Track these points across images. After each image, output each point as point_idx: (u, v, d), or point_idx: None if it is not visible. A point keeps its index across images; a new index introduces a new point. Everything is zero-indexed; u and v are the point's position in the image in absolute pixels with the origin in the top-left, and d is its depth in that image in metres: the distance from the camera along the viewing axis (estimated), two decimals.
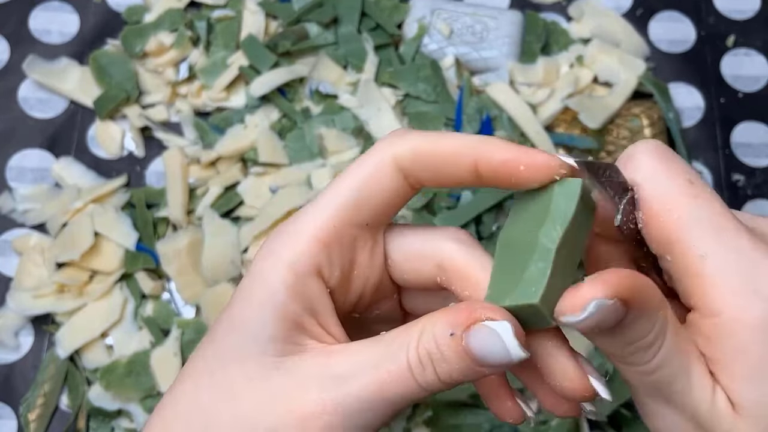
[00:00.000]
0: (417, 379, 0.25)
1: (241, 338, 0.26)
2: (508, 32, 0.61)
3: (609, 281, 0.23)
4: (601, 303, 0.23)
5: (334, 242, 0.27)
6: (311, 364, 0.26)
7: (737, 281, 0.24)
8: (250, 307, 0.26)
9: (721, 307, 0.24)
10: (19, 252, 0.56)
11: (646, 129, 0.59)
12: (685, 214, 0.24)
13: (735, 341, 0.24)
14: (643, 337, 0.24)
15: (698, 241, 0.24)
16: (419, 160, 0.27)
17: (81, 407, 0.53)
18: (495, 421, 0.52)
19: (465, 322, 0.24)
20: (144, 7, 0.63)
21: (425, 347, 0.24)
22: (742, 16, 0.65)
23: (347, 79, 0.60)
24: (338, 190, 0.27)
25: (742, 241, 0.24)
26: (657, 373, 0.24)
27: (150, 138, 0.60)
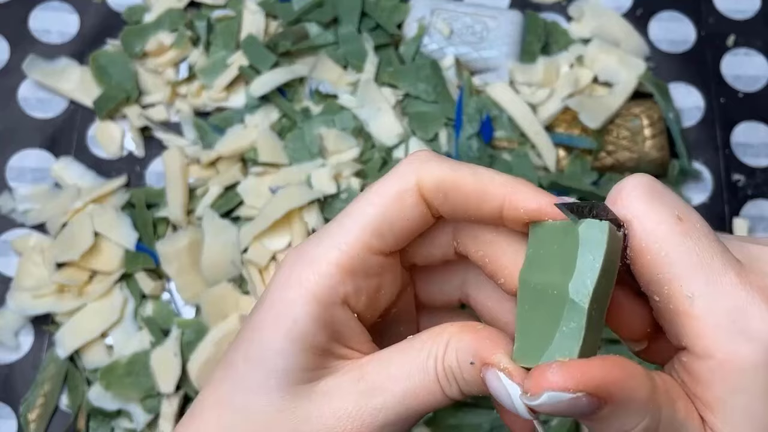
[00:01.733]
0: (444, 391, 0.25)
1: (267, 370, 0.26)
2: (508, 32, 0.61)
3: (578, 370, 0.22)
4: (554, 396, 0.22)
5: (359, 271, 0.26)
6: (344, 381, 0.26)
7: (727, 322, 0.23)
8: (276, 337, 0.26)
9: (712, 349, 0.23)
10: (19, 252, 0.56)
11: (646, 129, 0.59)
12: (673, 253, 0.24)
13: (727, 385, 0.23)
14: (628, 429, 0.23)
15: (686, 281, 0.24)
16: (443, 194, 0.26)
17: (81, 407, 0.53)
18: (495, 422, 0.52)
19: (484, 359, 0.25)
20: (144, 7, 0.63)
21: (449, 365, 0.25)
22: (742, 16, 0.65)
23: (347, 79, 0.60)
24: (362, 216, 0.26)
25: (730, 278, 0.24)
26: None
27: (150, 138, 0.60)
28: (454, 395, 0.25)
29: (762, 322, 0.23)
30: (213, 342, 0.52)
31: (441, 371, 0.25)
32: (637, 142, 0.59)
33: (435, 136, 0.58)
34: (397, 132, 0.58)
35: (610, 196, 0.26)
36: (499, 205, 0.25)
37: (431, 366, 0.25)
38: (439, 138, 0.58)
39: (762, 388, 0.23)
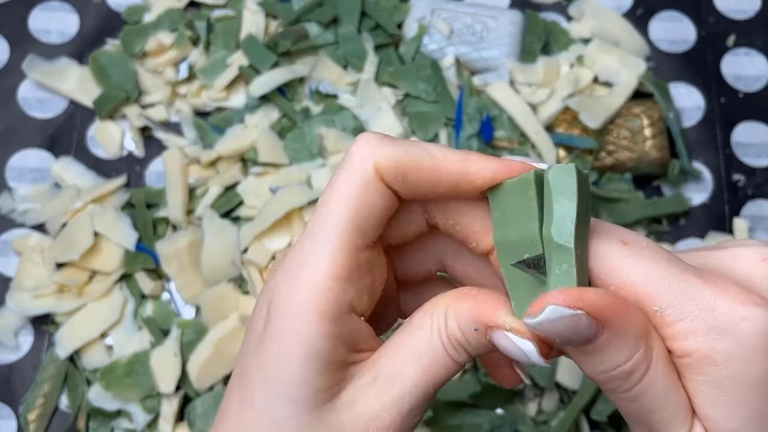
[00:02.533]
0: (454, 359, 0.26)
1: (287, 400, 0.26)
2: (508, 32, 0.61)
3: (579, 293, 0.23)
4: (557, 310, 0.23)
5: (354, 274, 0.26)
6: (363, 385, 0.26)
7: (697, 322, 0.24)
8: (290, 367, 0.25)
9: (689, 349, 0.24)
10: (19, 252, 0.56)
11: (647, 129, 0.59)
12: (631, 276, 0.24)
13: (707, 378, 0.24)
14: (620, 363, 0.24)
15: (650, 298, 0.24)
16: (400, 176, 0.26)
17: (81, 407, 0.53)
18: (495, 422, 0.52)
19: (487, 322, 0.25)
20: (144, 7, 0.63)
21: (453, 335, 0.26)
22: (743, 16, 0.65)
23: (347, 79, 0.60)
24: (338, 220, 0.26)
25: (692, 282, 0.24)
26: (637, 402, 0.25)
27: (150, 138, 0.60)
28: (464, 360, 0.26)
29: (731, 316, 0.24)
30: (213, 342, 0.52)
31: (447, 342, 0.26)
32: (638, 142, 0.59)
33: (435, 136, 0.58)
34: (397, 132, 0.58)
35: None
36: (455, 180, 0.26)
37: (437, 341, 0.26)
38: (439, 138, 0.58)
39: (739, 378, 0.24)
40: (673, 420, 0.25)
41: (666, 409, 0.25)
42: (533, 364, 0.25)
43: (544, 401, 0.53)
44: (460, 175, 0.26)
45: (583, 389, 0.52)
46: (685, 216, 0.59)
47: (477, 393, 0.52)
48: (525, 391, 0.54)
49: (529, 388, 0.53)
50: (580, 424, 0.52)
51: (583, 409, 0.52)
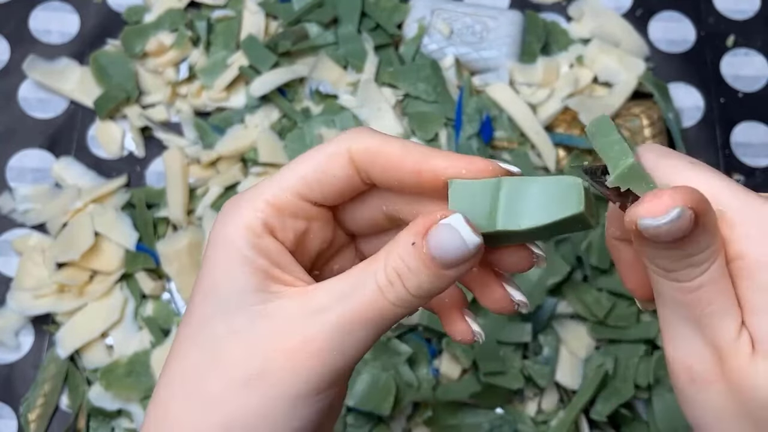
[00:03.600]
0: (388, 297, 0.27)
1: (217, 298, 0.28)
2: (508, 32, 0.61)
3: (688, 192, 0.24)
4: (682, 211, 0.24)
5: (286, 211, 0.29)
6: (292, 304, 0.27)
7: (755, 228, 0.25)
8: (220, 268, 0.28)
9: (744, 251, 0.25)
10: (20, 252, 0.56)
11: (646, 129, 0.59)
12: (695, 179, 0.26)
13: (756, 281, 0.25)
14: (699, 252, 0.25)
15: (713, 198, 0.25)
16: (369, 158, 0.28)
17: (81, 407, 0.53)
18: (495, 421, 0.52)
19: (424, 228, 0.26)
20: (144, 7, 0.63)
21: (392, 265, 0.26)
22: (742, 16, 0.65)
23: (347, 79, 0.60)
24: (294, 169, 0.29)
25: (753, 197, 0.26)
26: (697, 291, 0.26)
27: (150, 138, 0.60)
28: (400, 299, 0.27)
29: None
30: None
31: (382, 278, 0.27)
32: (637, 142, 0.59)
33: (435, 136, 0.59)
34: (397, 132, 0.58)
35: None
36: (417, 165, 0.28)
37: (371, 277, 0.27)
38: (439, 138, 0.58)
39: None
40: (723, 315, 0.25)
41: (719, 302, 0.25)
42: (469, 252, 0.26)
43: (544, 401, 0.53)
44: (422, 163, 0.28)
45: (583, 389, 0.52)
46: None
47: (477, 393, 0.52)
48: (525, 391, 0.54)
49: (529, 388, 0.53)
50: (579, 424, 0.52)
51: (583, 409, 0.52)
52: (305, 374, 0.27)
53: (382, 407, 0.50)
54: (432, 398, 0.52)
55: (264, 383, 0.27)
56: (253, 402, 0.27)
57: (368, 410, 0.50)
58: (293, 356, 0.27)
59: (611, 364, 0.53)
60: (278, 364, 0.27)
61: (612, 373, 0.52)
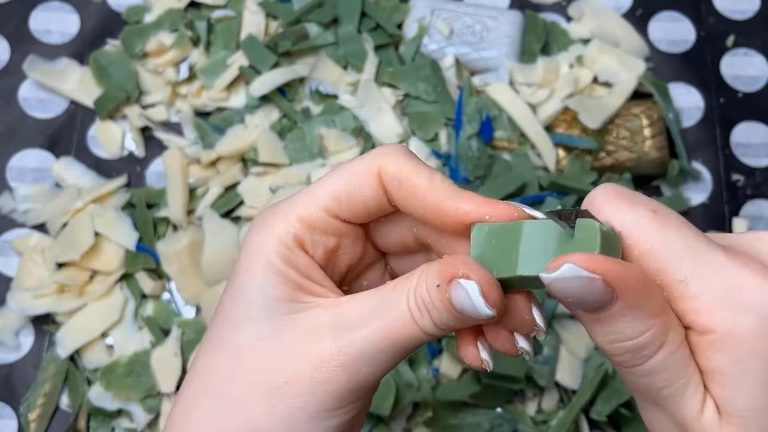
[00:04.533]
0: (417, 323, 0.27)
1: (248, 304, 0.28)
2: (508, 32, 0.61)
3: (598, 259, 0.23)
4: (574, 269, 0.23)
5: (317, 227, 0.29)
6: (323, 315, 0.28)
7: (722, 298, 0.24)
8: (251, 276, 0.28)
9: (712, 324, 0.24)
10: (20, 252, 0.56)
11: (646, 129, 0.59)
12: (657, 243, 0.25)
13: (729, 355, 0.24)
14: (633, 336, 0.24)
15: (675, 267, 0.25)
16: (397, 183, 0.28)
17: (81, 407, 0.53)
18: (495, 421, 0.52)
19: (448, 275, 0.26)
20: (144, 7, 0.63)
21: (420, 295, 0.26)
22: (742, 16, 0.65)
23: (347, 79, 0.60)
24: (325, 185, 0.29)
25: (718, 256, 0.25)
26: (647, 377, 0.25)
27: (150, 138, 0.60)
28: (427, 328, 0.27)
29: (757, 295, 0.24)
30: None
31: (413, 303, 0.27)
32: (637, 142, 0.59)
33: (435, 136, 0.59)
34: (397, 132, 0.58)
35: (583, 205, 0.27)
36: (440, 202, 0.28)
37: (403, 299, 0.27)
38: (439, 138, 0.58)
39: (760, 355, 0.24)
40: (683, 396, 0.25)
41: (675, 385, 0.25)
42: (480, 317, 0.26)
43: (544, 401, 0.53)
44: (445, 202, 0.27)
45: (583, 389, 0.52)
46: (685, 216, 0.59)
47: (477, 393, 0.52)
48: (525, 391, 0.54)
49: (529, 388, 0.53)
50: (579, 424, 0.52)
51: (583, 409, 0.52)
52: (332, 386, 0.27)
53: (381, 407, 0.50)
54: (432, 398, 0.52)
55: (289, 392, 0.27)
56: (277, 411, 0.27)
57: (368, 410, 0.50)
58: (321, 367, 0.27)
59: (611, 364, 0.53)
60: (306, 374, 0.27)
61: (612, 373, 0.52)
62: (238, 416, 0.27)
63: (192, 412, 0.28)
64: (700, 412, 0.25)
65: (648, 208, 0.25)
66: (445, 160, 0.57)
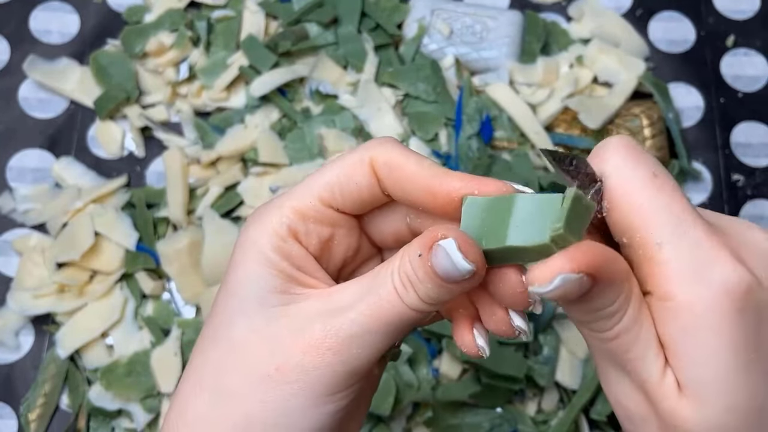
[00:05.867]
0: (404, 300, 0.27)
1: (240, 297, 0.29)
2: (508, 32, 0.61)
3: (576, 257, 0.24)
4: (566, 277, 0.24)
5: (311, 216, 0.29)
6: (313, 304, 0.28)
7: (689, 269, 0.25)
8: (244, 269, 0.29)
9: (672, 292, 0.25)
10: (20, 252, 0.56)
11: (646, 129, 0.59)
12: (646, 203, 0.26)
13: (683, 325, 0.25)
14: (607, 306, 0.25)
15: (657, 229, 0.25)
16: (387, 169, 0.29)
17: (81, 407, 0.53)
18: (495, 421, 0.52)
19: (429, 242, 0.26)
20: (144, 7, 0.63)
21: (404, 270, 0.27)
22: (742, 16, 0.65)
23: (347, 79, 0.60)
24: (319, 177, 0.30)
25: (698, 231, 0.25)
26: (615, 340, 0.26)
27: (150, 138, 0.60)
28: (413, 303, 0.27)
29: (723, 274, 0.24)
30: None
31: (397, 280, 0.27)
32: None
33: (435, 136, 0.59)
34: (397, 132, 0.58)
35: (593, 152, 0.28)
36: (429, 183, 0.28)
37: (388, 278, 0.27)
38: (439, 138, 0.58)
39: (715, 330, 0.24)
40: (645, 359, 0.26)
41: (638, 347, 0.26)
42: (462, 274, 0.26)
43: (544, 401, 0.53)
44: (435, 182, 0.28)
45: (583, 389, 0.52)
46: None
47: (477, 393, 0.52)
48: (525, 391, 0.54)
49: (529, 388, 0.53)
50: (579, 424, 0.52)
51: (583, 409, 0.52)
52: (323, 371, 0.27)
53: (381, 407, 0.50)
54: (432, 398, 0.52)
55: (282, 380, 0.27)
56: (271, 398, 0.27)
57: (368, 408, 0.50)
58: (312, 352, 0.27)
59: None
60: (296, 360, 0.27)
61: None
62: (234, 408, 0.27)
63: (189, 406, 0.28)
64: (661, 379, 0.26)
65: (650, 170, 0.26)
66: (445, 160, 0.57)
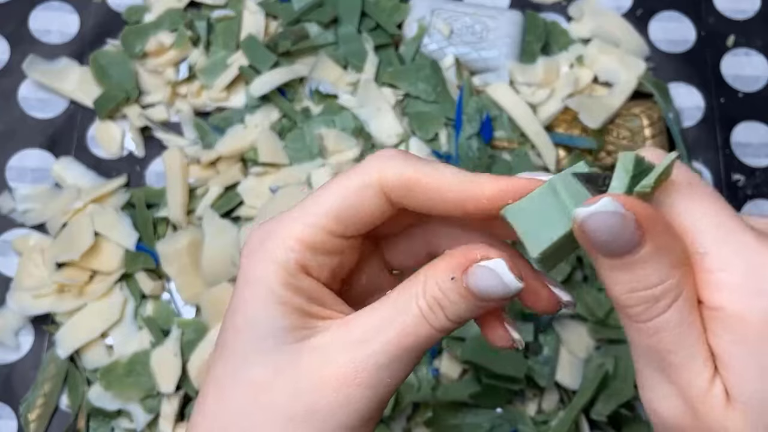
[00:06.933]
0: (431, 323, 0.26)
1: (255, 338, 0.27)
2: (508, 32, 0.61)
3: (631, 201, 0.23)
4: (614, 205, 0.23)
5: (320, 249, 0.28)
6: (333, 337, 0.27)
7: (739, 278, 0.24)
8: (254, 307, 0.27)
9: (722, 302, 0.24)
10: (19, 252, 0.56)
11: (646, 129, 0.59)
12: (686, 212, 0.25)
13: (736, 336, 0.24)
14: (651, 285, 0.24)
15: (699, 237, 0.24)
16: (404, 190, 0.27)
17: (81, 407, 0.53)
18: (495, 421, 0.52)
19: (463, 265, 0.26)
20: (144, 7, 0.63)
21: (431, 294, 0.26)
22: (742, 16, 0.65)
23: (347, 79, 0.60)
24: (323, 202, 0.28)
25: (748, 239, 0.24)
26: (657, 336, 0.24)
27: (150, 138, 0.60)
28: (442, 324, 0.26)
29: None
30: (213, 342, 0.52)
31: (424, 305, 0.26)
32: (637, 142, 0.59)
33: (435, 136, 0.58)
34: (397, 132, 0.58)
35: None
36: (462, 197, 0.27)
37: (412, 303, 0.26)
38: (439, 138, 0.58)
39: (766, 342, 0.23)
40: (691, 365, 0.24)
41: (685, 350, 0.24)
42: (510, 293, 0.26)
43: (544, 401, 0.53)
44: (465, 194, 0.27)
45: (583, 389, 0.52)
46: None
47: (477, 393, 0.52)
48: (525, 391, 0.54)
49: (529, 388, 0.53)
50: (579, 424, 0.52)
51: (583, 409, 0.52)
52: (357, 405, 0.26)
53: None
54: (432, 398, 0.52)
55: (310, 419, 0.26)
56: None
57: None
58: (341, 389, 0.26)
59: (611, 364, 0.52)
60: (327, 399, 0.26)
61: (612, 373, 0.52)
62: None
63: None
64: (708, 389, 0.24)
65: (686, 178, 0.25)
66: (445, 160, 0.57)
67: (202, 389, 0.29)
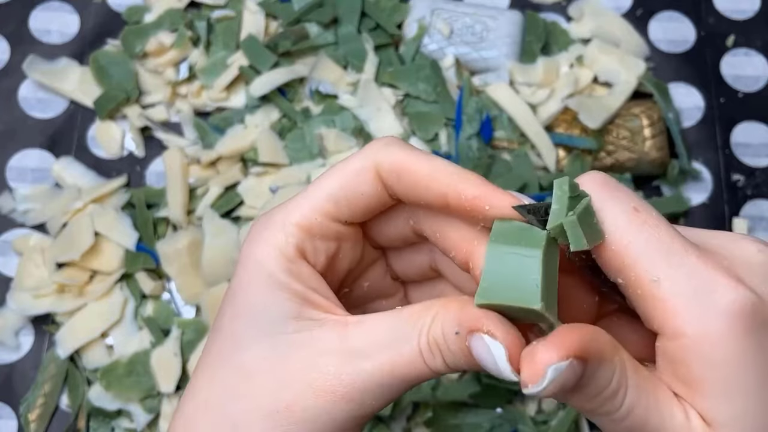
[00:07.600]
0: (427, 363, 0.26)
1: (251, 322, 0.27)
2: (508, 32, 0.61)
3: (560, 343, 0.23)
4: (558, 367, 0.23)
5: (317, 233, 0.28)
6: (329, 337, 0.27)
7: (693, 300, 0.24)
8: (254, 291, 0.27)
9: (683, 328, 0.24)
10: (19, 252, 0.56)
11: (646, 129, 0.59)
12: (634, 241, 0.25)
13: (703, 360, 0.24)
14: (606, 386, 0.24)
15: (649, 265, 0.24)
16: (396, 175, 0.27)
17: (81, 407, 0.53)
18: (495, 421, 0.52)
19: (469, 326, 0.25)
20: (144, 7, 0.63)
21: (434, 336, 0.26)
22: (742, 16, 0.65)
23: (347, 79, 0.60)
24: (321, 187, 0.28)
25: (691, 259, 0.24)
26: (629, 418, 0.25)
27: (150, 138, 0.60)
28: (437, 368, 0.26)
29: (726, 297, 0.24)
30: None
31: (424, 343, 0.26)
32: (637, 142, 0.59)
33: (435, 136, 0.59)
34: (397, 132, 0.58)
35: None
36: (444, 190, 0.27)
37: (414, 337, 0.26)
38: (439, 138, 0.58)
39: (735, 358, 0.24)
40: (666, 420, 0.25)
41: (656, 412, 0.25)
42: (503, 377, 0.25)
43: (544, 401, 0.53)
44: (449, 190, 0.27)
45: None
46: (685, 216, 0.59)
47: (477, 393, 0.52)
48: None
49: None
50: (579, 424, 0.52)
51: None
52: (332, 416, 0.26)
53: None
54: (432, 398, 0.52)
55: (289, 418, 0.26)
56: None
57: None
58: (323, 397, 0.26)
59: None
60: (307, 402, 0.26)
61: None
62: None
63: (192, 428, 0.28)
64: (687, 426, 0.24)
65: (629, 204, 0.25)
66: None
67: (194, 370, 0.29)
